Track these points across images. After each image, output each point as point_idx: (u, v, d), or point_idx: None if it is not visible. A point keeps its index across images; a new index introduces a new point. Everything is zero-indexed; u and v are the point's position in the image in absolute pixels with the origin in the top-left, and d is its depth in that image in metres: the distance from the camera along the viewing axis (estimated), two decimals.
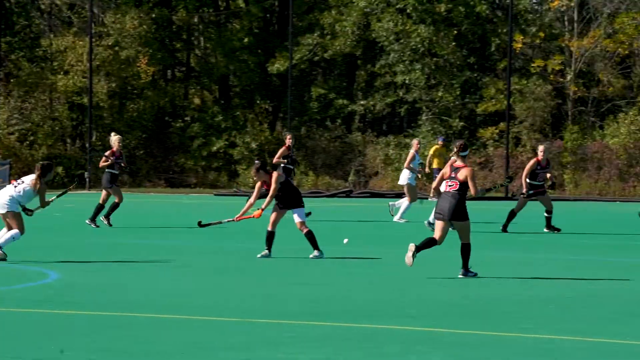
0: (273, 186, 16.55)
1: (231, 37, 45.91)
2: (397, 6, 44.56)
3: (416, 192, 24.81)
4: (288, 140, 24.64)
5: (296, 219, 16.71)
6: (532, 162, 22.56)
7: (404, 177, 24.64)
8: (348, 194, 39.33)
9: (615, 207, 33.94)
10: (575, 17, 45.52)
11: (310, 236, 16.73)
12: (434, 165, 30.56)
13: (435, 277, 14.96)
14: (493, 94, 43.83)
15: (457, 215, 14.43)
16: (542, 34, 44.89)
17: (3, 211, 15.81)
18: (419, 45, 43.84)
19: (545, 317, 11.43)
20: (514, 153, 42.03)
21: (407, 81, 44.37)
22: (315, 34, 45.34)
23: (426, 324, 10.83)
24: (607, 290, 13.84)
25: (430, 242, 14.50)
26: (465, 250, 14.56)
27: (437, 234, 14.51)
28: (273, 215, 16.72)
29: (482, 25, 45.40)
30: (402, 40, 44.05)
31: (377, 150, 42.97)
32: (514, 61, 44.01)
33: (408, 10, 44.26)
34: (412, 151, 24.82)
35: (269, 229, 16.74)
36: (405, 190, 24.61)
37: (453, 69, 44.53)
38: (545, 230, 22.25)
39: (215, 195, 39.09)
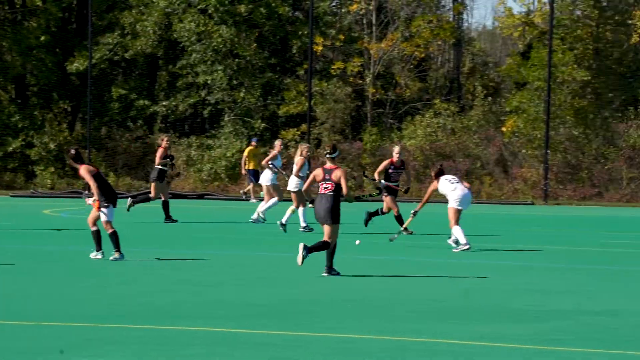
0: (86, 178, 16.26)
1: (28, 36, 44.73)
2: (199, 7, 44.39)
3: (281, 190, 24.58)
4: (165, 142, 24.86)
5: (102, 217, 16.36)
6: (386, 162, 22.79)
7: (266, 177, 24.36)
8: None
9: (412, 207, 34.66)
10: (374, 21, 46.42)
11: (114, 237, 16.43)
12: (250, 167, 30.40)
13: (237, 278, 14.91)
14: (294, 96, 44.20)
15: (333, 217, 14.56)
16: (342, 37, 45.56)
17: None
18: (221, 46, 43.80)
19: (348, 316, 11.53)
20: (315, 154, 42.49)
21: (209, 82, 44.27)
22: (116, 34, 44.70)
23: (230, 325, 10.76)
24: (406, 289, 14.08)
25: (323, 246, 14.60)
26: (331, 249, 14.69)
27: (326, 237, 14.67)
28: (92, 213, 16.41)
29: (284, 27, 45.71)
30: (203, 41, 43.92)
31: (180, 151, 42.69)
32: (315, 63, 44.50)
33: (210, 11, 44.16)
34: (275, 151, 24.73)
35: (91, 228, 16.42)
36: (269, 190, 24.21)
37: (255, 70, 44.68)
38: (365, 225, 22.57)
39: (11, 196, 38.01)
